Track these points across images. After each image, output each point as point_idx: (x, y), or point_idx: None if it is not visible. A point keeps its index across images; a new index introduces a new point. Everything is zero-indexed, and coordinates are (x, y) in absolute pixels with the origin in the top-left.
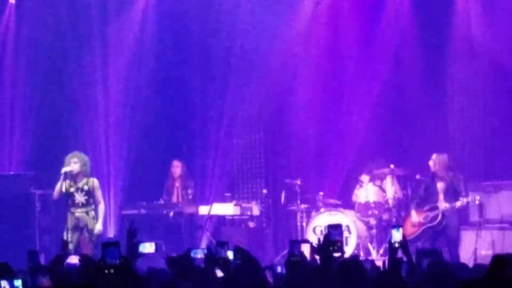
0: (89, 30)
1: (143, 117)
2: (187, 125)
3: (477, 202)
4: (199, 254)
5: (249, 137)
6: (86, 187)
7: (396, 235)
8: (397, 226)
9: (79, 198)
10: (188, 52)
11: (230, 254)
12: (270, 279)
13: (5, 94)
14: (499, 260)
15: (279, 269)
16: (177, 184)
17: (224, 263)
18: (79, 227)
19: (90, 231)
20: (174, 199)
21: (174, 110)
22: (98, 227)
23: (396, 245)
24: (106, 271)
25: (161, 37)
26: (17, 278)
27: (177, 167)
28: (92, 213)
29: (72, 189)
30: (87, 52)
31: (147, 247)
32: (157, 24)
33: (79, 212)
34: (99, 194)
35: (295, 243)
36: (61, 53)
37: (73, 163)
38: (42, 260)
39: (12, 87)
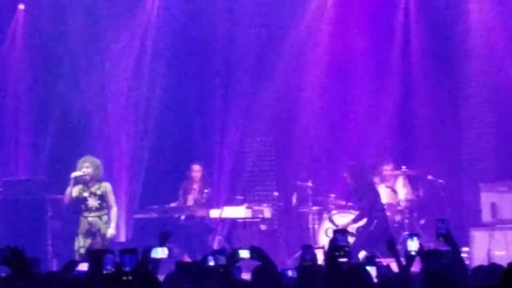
0: (101, 34)
1: (156, 121)
2: (199, 128)
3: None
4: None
5: (260, 140)
6: (98, 192)
7: (412, 245)
8: (411, 235)
9: (92, 202)
10: (202, 55)
11: (245, 254)
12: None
13: (18, 99)
14: None
15: (290, 272)
16: (195, 186)
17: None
18: (91, 232)
19: (103, 236)
20: (190, 201)
21: (187, 113)
22: (111, 231)
23: (412, 253)
24: (124, 278)
25: (177, 39)
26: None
27: (197, 172)
28: (105, 218)
29: (85, 194)
30: (100, 56)
31: (160, 252)
32: (172, 25)
33: (92, 217)
34: (112, 198)
35: (308, 248)
36: (74, 58)
37: (85, 168)
38: (55, 265)
39: (24, 92)
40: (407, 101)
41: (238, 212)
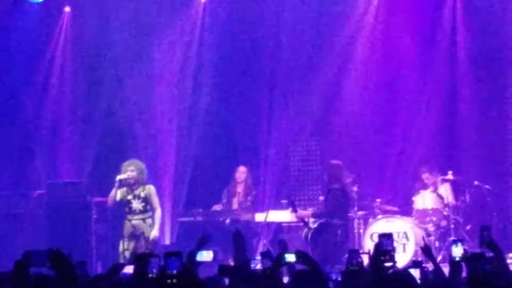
0: (146, 36)
1: (201, 123)
2: (245, 130)
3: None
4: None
5: (306, 144)
6: (142, 194)
7: (456, 251)
8: (456, 241)
9: (136, 205)
10: (249, 56)
11: (291, 257)
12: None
13: (64, 102)
14: None
15: (334, 276)
16: (239, 189)
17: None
18: (135, 235)
19: (147, 239)
20: (235, 204)
21: (232, 115)
22: (154, 233)
23: (457, 259)
24: (168, 281)
25: (223, 41)
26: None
27: (242, 173)
28: (149, 221)
29: (129, 197)
30: (146, 57)
31: (205, 255)
32: (218, 26)
33: (136, 220)
34: (155, 200)
35: (354, 252)
36: (118, 60)
37: (129, 171)
38: (100, 268)
39: (69, 94)
40: (453, 105)
41: (283, 216)
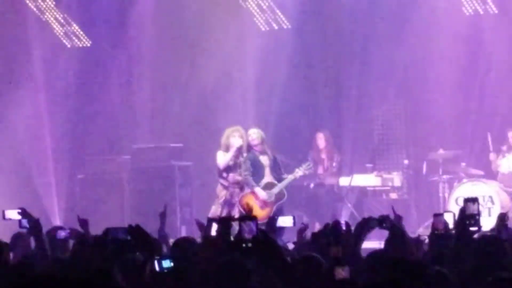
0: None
1: (282, 89)
2: (328, 96)
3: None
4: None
5: (390, 107)
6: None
7: None
8: None
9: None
10: (331, 21)
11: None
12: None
13: (145, 64)
14: None
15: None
16: (323, 156)
17: None
18: (230, 202)
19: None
20: (320, 170)
21: (313, 81)
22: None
23: None
24: (244, 245)
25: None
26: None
27: (320, 139)
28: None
29: (231, 163)
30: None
31: (285, 221)
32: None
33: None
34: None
35: (439, 216)
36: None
37: (238, 137)
38: (183, 232)
39: (164, 64)
40: None
41: (367, 180)
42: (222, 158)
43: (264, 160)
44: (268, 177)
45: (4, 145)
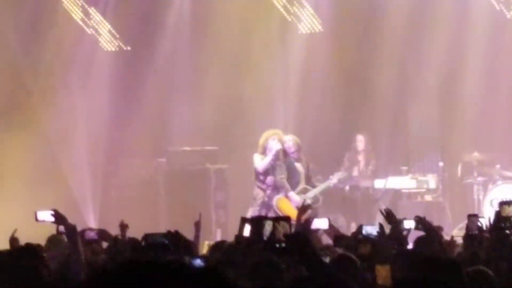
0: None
1: (319, 91)
2: (364, 99)
3: None
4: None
5: (425, 110)
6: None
7: None
8: None
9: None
10: (364, 24)
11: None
12: None
13: (194, 76)
14: None
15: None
16: (359, 158)
17: None
18: (267, 205)
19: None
20: (355, 172)
21: (349, 83)
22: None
23: None
24: (277, 245)
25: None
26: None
27: (360, 142)
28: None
29: (269, 166)
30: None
31: (320, 223)
32: None
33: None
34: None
35: (473, 218)
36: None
37: (277, 140)
38: (218, 235)
39: (200, 69)
40: None
41: (402, 182)
42: (261, 161)
43: (299, 167)
44: (303, 184)
45: (40, 148)
